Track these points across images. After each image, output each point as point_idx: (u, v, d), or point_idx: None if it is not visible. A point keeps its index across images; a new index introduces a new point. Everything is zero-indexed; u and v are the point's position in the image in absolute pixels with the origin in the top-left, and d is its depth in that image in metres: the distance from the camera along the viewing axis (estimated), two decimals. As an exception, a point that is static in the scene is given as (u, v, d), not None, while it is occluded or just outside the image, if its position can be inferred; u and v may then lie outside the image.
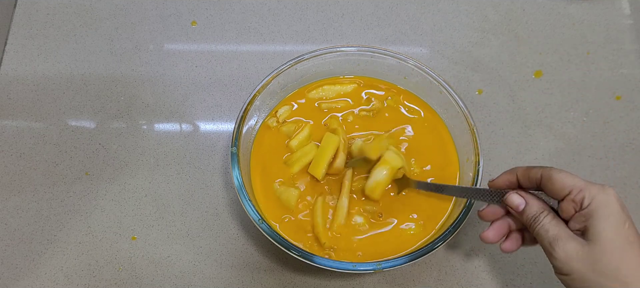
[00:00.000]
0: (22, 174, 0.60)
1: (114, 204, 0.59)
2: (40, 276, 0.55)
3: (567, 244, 0.38)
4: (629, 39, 0.67)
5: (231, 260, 0.56)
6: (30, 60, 0.66)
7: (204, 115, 0.63)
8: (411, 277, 0.55)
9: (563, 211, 0.40)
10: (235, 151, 0.52)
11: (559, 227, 0.40)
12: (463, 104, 0.54)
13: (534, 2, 0.70)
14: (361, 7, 0.70)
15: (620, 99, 0.64)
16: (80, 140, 0.62)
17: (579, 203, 0.39)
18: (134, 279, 0.55)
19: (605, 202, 0.38)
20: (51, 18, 0.69)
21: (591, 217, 0.38)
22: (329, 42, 0.67)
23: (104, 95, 0.64)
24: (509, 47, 0.67)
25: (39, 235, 0.57)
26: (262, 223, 0.49)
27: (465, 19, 0.69)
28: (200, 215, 0.58)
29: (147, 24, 0.68)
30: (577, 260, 0.38)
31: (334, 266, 0.47)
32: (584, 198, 0.38)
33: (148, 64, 0.66)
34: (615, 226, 0.37)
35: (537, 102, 0.64)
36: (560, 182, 0.40)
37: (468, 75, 0.65)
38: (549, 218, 0.40)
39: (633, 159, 0.61)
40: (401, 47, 0.67)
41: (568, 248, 0.38)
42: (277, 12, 0.69)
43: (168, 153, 0.61)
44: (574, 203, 0.39)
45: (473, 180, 0.51)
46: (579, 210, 0.39)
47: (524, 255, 0.56)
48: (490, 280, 0.55)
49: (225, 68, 0.66)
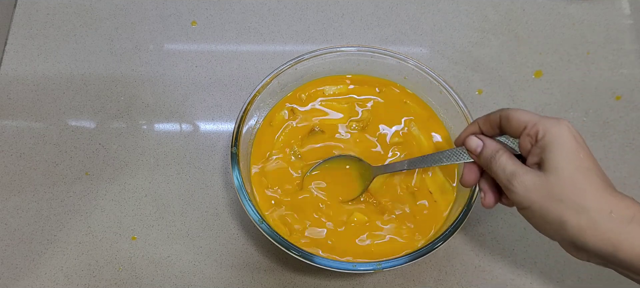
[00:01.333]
0: (22, 174, 0.60)
1: (114, 204, 0.59)
2: (40, 276, 0.55)
3: (523, 177, 0.39)
4: (629, 39, 0.67)
5: (231, 260, 0.56)
6: (30, 60, 0.66)
7: (204, 115, 0.63)
8: (411, 277, 0.55)
9: (521, 148, 0.41)
10: (235, 151, 0.52)
11: (515, 164, 0.40)
12: (463, 104, 0.54)
13: (534, 2, 0.70)
14: (361, 7, 0.70)
15: (620, 99, 0.64)
16: (80, 140, 0.62)
17: (534, 136, 0.39)
18: (134, 279, 0.55)
19: (558, 133, 0.38)
20: (51, 18, 0.69)
21: (545, 149, 0.38)
22: (329, 42, 0.67)
23: (104, 95, 0.64)
24: (509, 47, 0.67)
25: (39, 235, 0.57)
26: (262, 223, 0.49)
27: (465, 19, 0.69)
28: (200, 215, 0.58)
29: (147, 24, 0.68)
30: (534, 191, 0.38)
31: (334, 266, 0.47)
32: (538, 131, 0.39)
33: (148, 64, 0.66)
34: (568, 155, 0.38)
35: (537, 102, 0.64)
36: (516, 119, 0.40)
37: (468, 75, 0.66)
38: (505, 156, 0.41)
39: (633, 159, 0.61)
40: (401, 47, 0.67)
41: (525, 181, 0.39)
42: (277, 12, 0.69)
43: (168, 153, 0.61)
44: (530, 137, 0.40)
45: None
46: (534, 143, 0.39)
47: (524, 255, 0.56)
48: (490, 280, 0.55)
49: (225, 68, 0.66)
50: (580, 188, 0.37)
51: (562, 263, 0.56)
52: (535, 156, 0.40)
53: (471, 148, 0.44)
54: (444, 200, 0.53)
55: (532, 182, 0.39)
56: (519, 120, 0.40)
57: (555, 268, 0.56)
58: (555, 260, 0.56)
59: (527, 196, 0.39)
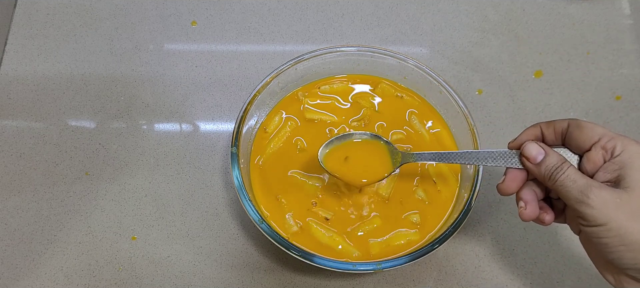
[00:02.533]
0: (22, 174, 0.60)
1: (114, 204, 0.59)
2: (40, 276, 0.55)
3: (601, 191, 0.36)
4: (629, 39, 0.67)
5: (231, 260, 0.56)
6: (30, 60, 0.66)
7: (204, 115, 0.63)
8: (411, 277, 0.55)
9: (590, 161, 0.38)
10: (235, 151, 0.52)
11: (587, 177, 0.37)
12: (463, 104, 0.54)
13: (534, 2, 0.70)
14: (361, 7, 0.70)
15: (620, 99, 0.64)
16: (80, 140, 0.62)
17: (610, 151, 0.37)
18: (134, 279, 0.55)
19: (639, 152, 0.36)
20: (51, 18, 0.69)
21: (626, 166, 0.36)
22: (329, 42, 0.67)
23: (104, 95, 0.64)
24: (509, 47, 0.67)
25: (39, 235, 0.57)
26: (262, 223, 0.49)
27: (465, 19, 0.69)
28: (200, 215, 0.58)
29: (147, 24, 0.68)
30: (614, 207, 0.35)
31: (334, 266, 0.47)
32: (616, 146, 0.37)
33: (148, 64, 0.66)
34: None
35: (537, 102, 0.64)
36: (590, 129, 0.38)
37: (468, 75, 0.66)
38: (572, 168, 0.38)
39: (633, 159, 0.61)
40: (401, 47, 0.67)
41: (604, 195, 0.36)
42: (277, 12, 0.69)
43: (168, 153, 0.61)
44: (604, 151, 0.37)
45: (473, 180, 0.50)
46: (609, 158, 0.37)
47: (524, 255, 0.56)
48: (490, 281, 0.55)
49: (225, 68, 0.66)
50: None
51: (562, 264, 0.56)
52: (610, 172, 0.37)
53: (531, 155, 0.40)
54: (448, 189, 0.54)
55: (612, 197, 0.36)
56: (594, 131, 0.38)
57: (555, 268, 0.56)
58: (555, 260, 0.56)
59: (605, 211, 0.35)
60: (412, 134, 0.56)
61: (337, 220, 0.52)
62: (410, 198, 0.53)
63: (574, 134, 0.39)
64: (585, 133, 0.39)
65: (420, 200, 0.53)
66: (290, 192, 0.54)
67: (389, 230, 0.52)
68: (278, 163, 0.55)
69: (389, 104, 0.58)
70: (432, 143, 0.56)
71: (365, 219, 0.52)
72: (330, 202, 0.53)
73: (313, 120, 0.57)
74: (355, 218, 0.52)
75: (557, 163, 0.39)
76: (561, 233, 0.57)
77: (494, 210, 0.58)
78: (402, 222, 0.52)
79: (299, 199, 0.53)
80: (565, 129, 0.40)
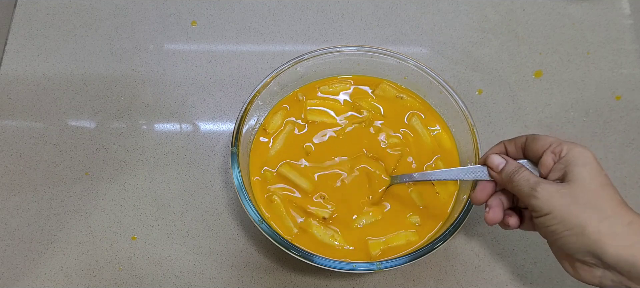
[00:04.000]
0: (22, 174, 0.60)
1: (114, 204, 0.59)
2: (40, 276, 0.55)
3: (547, 185, 0.41)
4: (629, 39, 0.67)
5: (231, 260, 0.56)
6: (30, 60, 0.66)
7: (204, 115, 0.63)
8: (411, 277, 0.55)
9: (543, 165, 0.44)
10: (235, 151, 0.52)
11: (538, 177, 0.43)
12: (463, 104, 0.54)
13: (534, 2, 0.70)
14: (361, 7, 0.70)
15: (620, 99, 0.64)
16: (80, 140, 0.62)
17: (558, 154, 0.43)
18: (134, 279, 0.55)
19: (582, 152, 0.42)
20: (51, 18, 0.69)
21: (569, 164, 0.41)
22: (329, 42, 0.67)
23: (104, 95, 0.64)
24: (509, 47, 0.67)
25: (39, 235, 0.57)
26: (262, 224, 0.49)
27: (465, 19, 0.69)
28: (200, 215, 0.58)
29: (147, 24, 0.68)
30: (557, 197, 0.40)
31: (334, 266, 0.47)
32: (562, 149, 0.42)
33: (148, 64, 0.66)
34: (592, 171, 0.41)
35: (537, 102, 0.64)
36: (543, 140, 0.44)
37: (468, 75, 0.66)
38: (527, 171, 0.44)
39: (633, 159, 0.61)
40: (401, 47, 0.67)
41: (548, 187, 0.41)
42: (277, 12, 0.69)
43: (168, 153, 0.61)
44: (553, 154, 0.43)
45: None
46: (557, 160, 0.43)
47: (524, 255, 0.56)
48: (490, 281, 0.55)
49: (225, 68, 0.66)
50: (602, 198, 0.40)
51: (562, 263, 0.56)
52: (558, 172, 0.42)
53: (493, 164, 0.46)
54: (446, 192, 0.54)
55: (556, 189, 0.41)
56: (545, 141, 0.44)
57: (555, 268, 0.56)
58: (555, 260, 0.56)
59: (549, 201, 0.40)
60: (410, 136, 0.56)
61: (338, 220, 0.52)
62: (410, 200, 0.54)
63: (530, 146, 0.45)
64: (538, 143, 0.44)
65: (419, 201, 0.53)
66: (290, 192, 0.54)
67: (389, 231, 0.52)
68: (278, 163, 0.55)
69: (389, 104, 0.58)
70: (432, 144, 0.56)
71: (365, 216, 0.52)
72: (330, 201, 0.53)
73: (313, 121, 0.57)
74: (356, 218, 0.52)
75: (515, 168, 0.45)
76: (561, 233, 0.57)
77: (494, 210, 0.58)
78: (402, 223, 0.52)
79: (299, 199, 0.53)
80: (524, 143, 0.46)
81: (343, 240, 0.51)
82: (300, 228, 0.52)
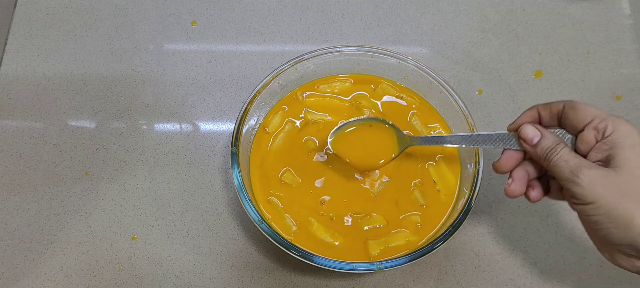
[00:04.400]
0: (22, 174, 0.60)
1: (114, 204, 0.59)
2: (40, 276, 0.55)
3: (590, 170, 0.37)
4: (629, 39, 0.67)
5: (231, 260, 0.56)
6: (30, 60, 0.66)
7: (204, 115, 0.63)
8: (411, 277, 0.55)
9: (583, 141, 0.39)
10: (235, 151, 0.52)
11: (578, 157, 0.39)
12: (463, 104, 0.54)
13: (534, 2, 0.70)
14: (361, 7, 0.70)
15: (620, 99, 0.64)
16: (80, 140, 0.62)
17: (602, 131, 0.38)
18: (134, 279, 0.55)
19: (630, 133, 0.37)
20: (51, 18, 0.69)
21: (616, 146, 0.37)
22: (329, 42, 0.67)
23: (104, 95, 0.64)
24: (509, 47, 0.67)
25: (39, 235, 0.57)
26: (262, 224, 0.49)
27: (465, 19, 0.69)
28: (200, 215, 0.58)
29: (147, 24, 0.68)
30: (602, 185, 0.36)
31: (334, 266, 0.47)
32: (607, 126, 0.38)
33: (148, 64, 0.66)
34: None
35: (537, 102, 0.63)
36: (584, 110, 0.39)
37: (468, 75, 0.66)
38: (566, 149, 0.39)
39: (633, 159, 0.61)
40: (401, 47, 0.67)
41: (592, 174, 0.37)
42: (277, 12, 0.69)
43: (168, 153, 0.61)
44: (596, 131, 0.39)
45: (473, 180, 0.50)
46: (601, 139, 0.38)
47: (524, 255, 0.56)
48: (490, 281, 0.55)
49: (225, 68, 0.66)
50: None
51: (562, 263, 0.56)
52: (601, 153, 0.38)
53: (528, 137, 0.42)
54: (447, 189, 0.54)
55: (600, 176, 0.37)
56: (587, 112, 0.39)
57: (555, 268, 0.56)
58: (555, 260, 0.56)
59: (593, 190, 0.37)
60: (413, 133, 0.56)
61: (337, 219, 0.52)
62: (410, 199, 0.54)
63: (568, 115, 0.41)
64: (579, 114, 0.40)
65: (419, 200, 0.53)
66: (290, 192, 0.54)
67: (389, 231, 0.52)
68: (278, 163, 0.55)
69: (389, 104, 0.58)
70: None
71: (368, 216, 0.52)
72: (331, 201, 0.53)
73: (313, 121, 0.57)
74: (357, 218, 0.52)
75: (552, 144, 0.40)
76: (561, 233, 0.57)
77: (493, 210, 0.58)
78: (402, 223, 0.52)
79: (299, 199, 0.53)
80: (561, 110, 0.41)
81: (343, 240, 0.51)
82: (300, 227, 0.52)
